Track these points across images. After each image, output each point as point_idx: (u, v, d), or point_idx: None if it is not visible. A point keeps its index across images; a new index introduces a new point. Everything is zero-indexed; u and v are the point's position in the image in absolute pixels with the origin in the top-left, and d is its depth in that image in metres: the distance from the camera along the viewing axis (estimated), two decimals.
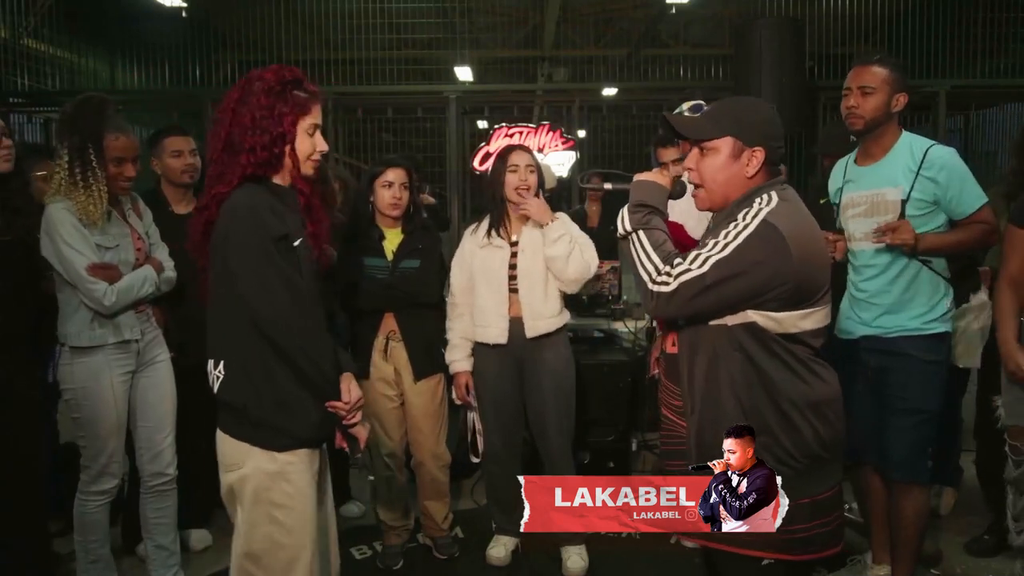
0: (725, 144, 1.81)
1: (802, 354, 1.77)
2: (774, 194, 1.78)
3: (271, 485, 1.90)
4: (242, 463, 1.91)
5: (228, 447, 1.94)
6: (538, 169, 3.06)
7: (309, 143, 1.95)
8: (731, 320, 1.75)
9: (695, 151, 1.87)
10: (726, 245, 1.70)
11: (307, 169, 1.97)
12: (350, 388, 1.98)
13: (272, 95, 1.88)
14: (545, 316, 2.99)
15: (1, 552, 2.61)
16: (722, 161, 1.82)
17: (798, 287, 1.71)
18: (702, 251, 1.73)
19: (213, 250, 1.90)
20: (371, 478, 3.27)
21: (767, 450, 1.73)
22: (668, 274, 1.72)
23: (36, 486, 2.68)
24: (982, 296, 2.85)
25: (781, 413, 1.75)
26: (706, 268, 1.69)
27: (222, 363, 1.90)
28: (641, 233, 1.81)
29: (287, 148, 1.92)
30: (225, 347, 1.91)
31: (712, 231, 1.83)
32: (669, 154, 3.15)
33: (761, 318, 1.73)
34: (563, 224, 2.96)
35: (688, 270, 1.71)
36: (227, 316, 1.89)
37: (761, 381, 1.75)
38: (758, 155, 1.80)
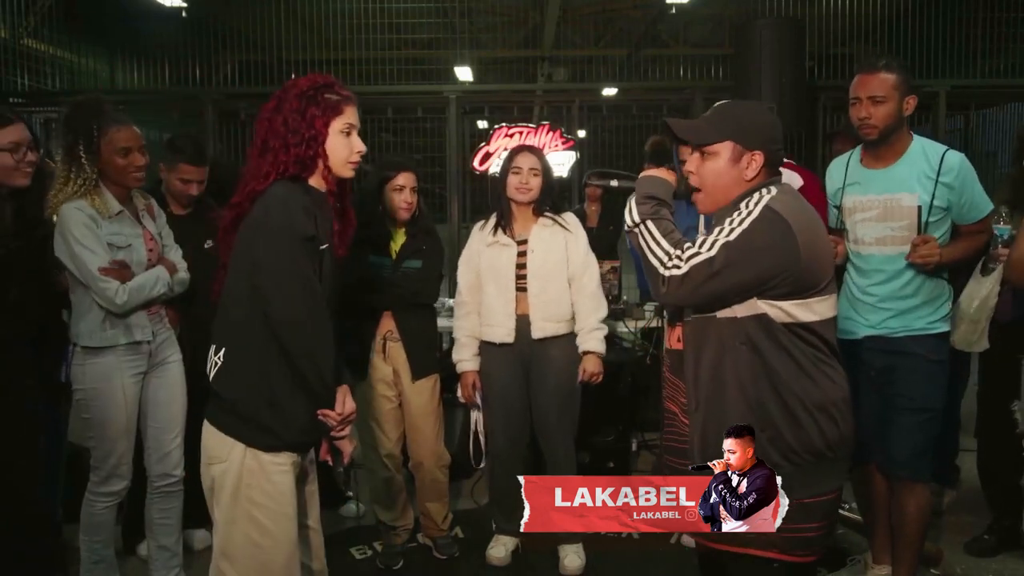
0: (725, 148, 1.83)
1: (811, 350, 1.78)
2: (774, 188, 1.81)
3: (252, 483, 1.88)
4: (225, 457, 1.89)
5: (213, 440, 1.92)
6: (545, 173, 3.05)
7: (344, 144, 1.95)
8: (740, 312, 1.76)
9: (696, 155, 1.89)
10: (732, 230, 1.73)
11: (344, 171, 1.98)
12: (345, 400, 1.97)
13: (304, 99, 1.91)
14: (554, 319, 3.00)
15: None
16: (722, 165, 1.83)
17: (803, 273, 1.73)
18: (709, 236, 1.75)
19: (240, 238, 1.90)
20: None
21: (772, 444, 1.74)
22: (679, 258, 1.74)
23: (32, 486, 2.67)
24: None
25: (785, 408, 1.76)
26: (714, 251, 1.71)
27: (223, 350, 1.90)
28: (649, 223, 1.82)
29: (320, 150, 1.92)
30: (229, 335, 1.91)
31: (715, 223, 1.83)
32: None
33: (771, 308, 1.74)
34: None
35: (698, 253, 1.73)
36: (238, 304, 1.89)
37: (767, 375, 1.76)
38: (757, 159, 1.82)
